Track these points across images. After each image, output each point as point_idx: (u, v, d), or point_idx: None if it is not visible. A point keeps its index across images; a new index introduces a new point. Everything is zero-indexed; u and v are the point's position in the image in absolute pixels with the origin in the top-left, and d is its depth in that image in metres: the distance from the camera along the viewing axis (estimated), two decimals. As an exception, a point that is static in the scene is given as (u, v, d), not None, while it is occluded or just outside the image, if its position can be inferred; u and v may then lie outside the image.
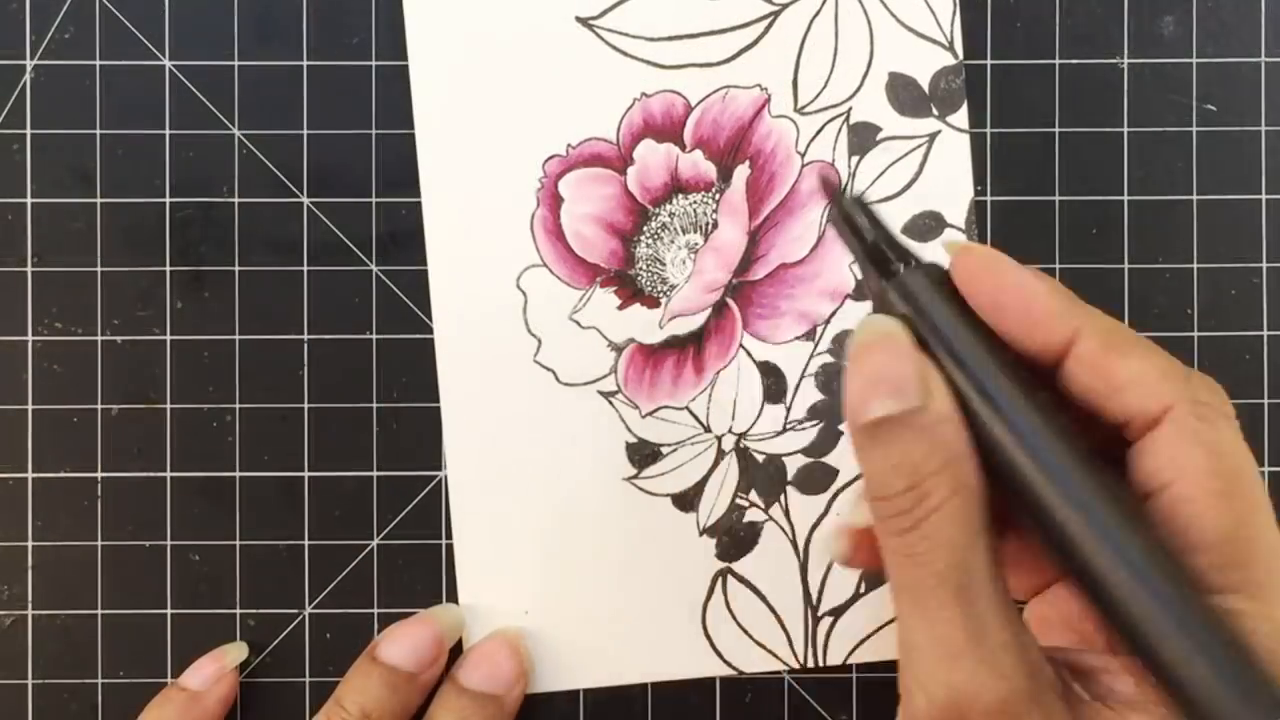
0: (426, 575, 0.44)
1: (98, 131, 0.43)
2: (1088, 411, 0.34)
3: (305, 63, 0.44)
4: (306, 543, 0.44)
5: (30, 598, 0.43)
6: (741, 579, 0.44)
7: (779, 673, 0.44)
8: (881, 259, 0.33)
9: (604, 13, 0.44)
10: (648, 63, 0.44)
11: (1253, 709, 0.28)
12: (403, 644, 0.42)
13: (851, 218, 0.34)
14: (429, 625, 0.43)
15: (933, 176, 0.44)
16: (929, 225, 0.44)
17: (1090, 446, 0.32)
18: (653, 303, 0.44)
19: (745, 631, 0.44)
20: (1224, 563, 0.31)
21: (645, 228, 0.44)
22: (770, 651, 0.44)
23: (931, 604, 0.31)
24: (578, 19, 0.44)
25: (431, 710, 0.42)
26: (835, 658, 0.44)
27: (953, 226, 0.44)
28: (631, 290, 0.44)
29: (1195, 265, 0.44)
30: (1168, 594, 0.30)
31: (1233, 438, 0.33)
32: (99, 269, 0.44)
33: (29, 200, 0.44)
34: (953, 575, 0.31)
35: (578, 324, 0.44)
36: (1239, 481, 0.32)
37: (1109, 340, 0.33)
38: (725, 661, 0.44)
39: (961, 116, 0.44)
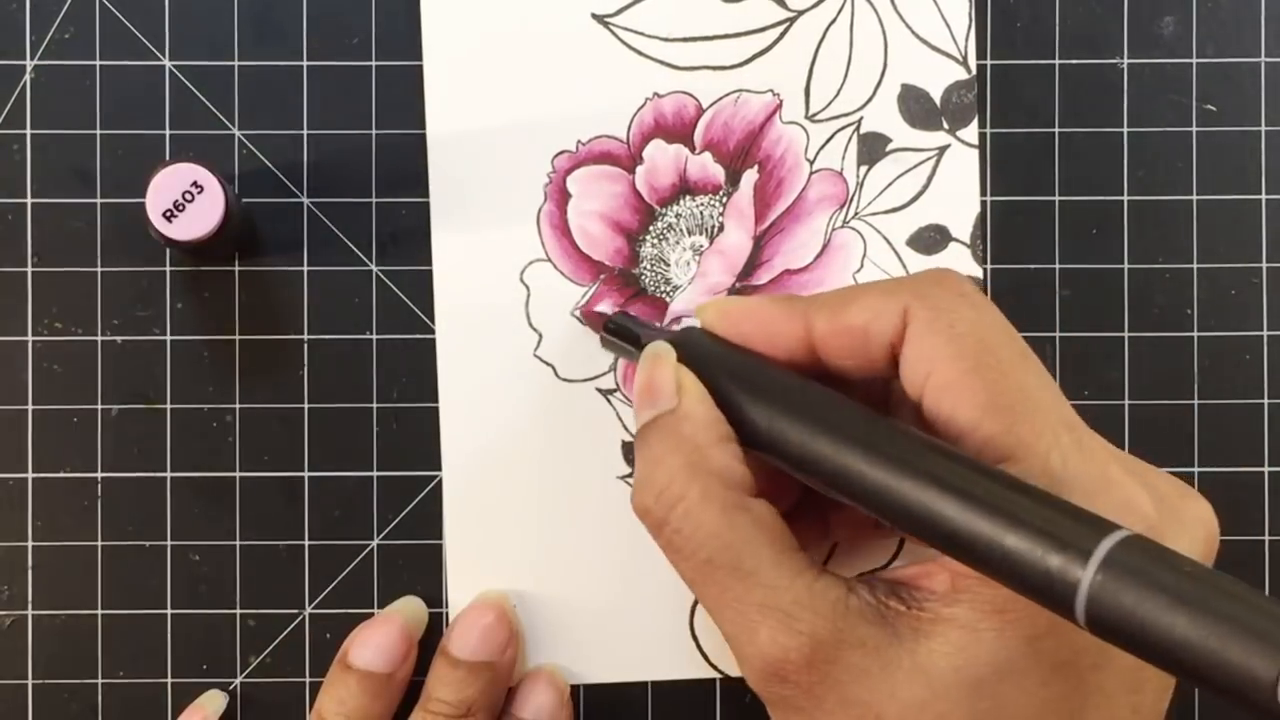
0: (426, 575, 0.44)
1: (98, 131, 0.43)
2: (876, 389, 0.36)
3: (305, 63, 0.44)
4: (306, 543, 0.44)
5: (30, 598, 0.43)
6: (730, 583, 0.44)
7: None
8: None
9: (620, 11, 0.44)
10: (661, 63, 0.44)
11: (1074, 552, 0.27)
12: (372, 646, 0.42)
13: (621, 331, 0.40)
14: (395, 623, 0.42)
15: (940, 190, 0.44)
16: (934, 238, 0.44)
17: (839, 394, 0.34)
18: (656, 303, 0.44)
19: (731, 635, 0.44)
20: (992, 433, 0.32)
21: (651, 228, 0.44)
22: None
23: (715, 589, 0.33)
24: (594, 16, 0.44)
25: (427, 686, 0.42)
26: (818, 665, 0.44)
27: (958, 240, 0.44)
28: (635, 289, 0.44)
29: (1195, 265, 0.44)
30: (948, 483, 0.30)
31: (970, 315, 0.34)
32: (99, 269, 0.44)
33: (29, 200, 0.44)
34: (721, 557, 0.33)
35: (579, 320, 0.44)
36: (984, 353, 0.33)
37: (833, 306, 0.35)
38: (711, 664, 0.44)
39: (971, 131, 0.44)
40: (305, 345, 0.44)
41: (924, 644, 0.31)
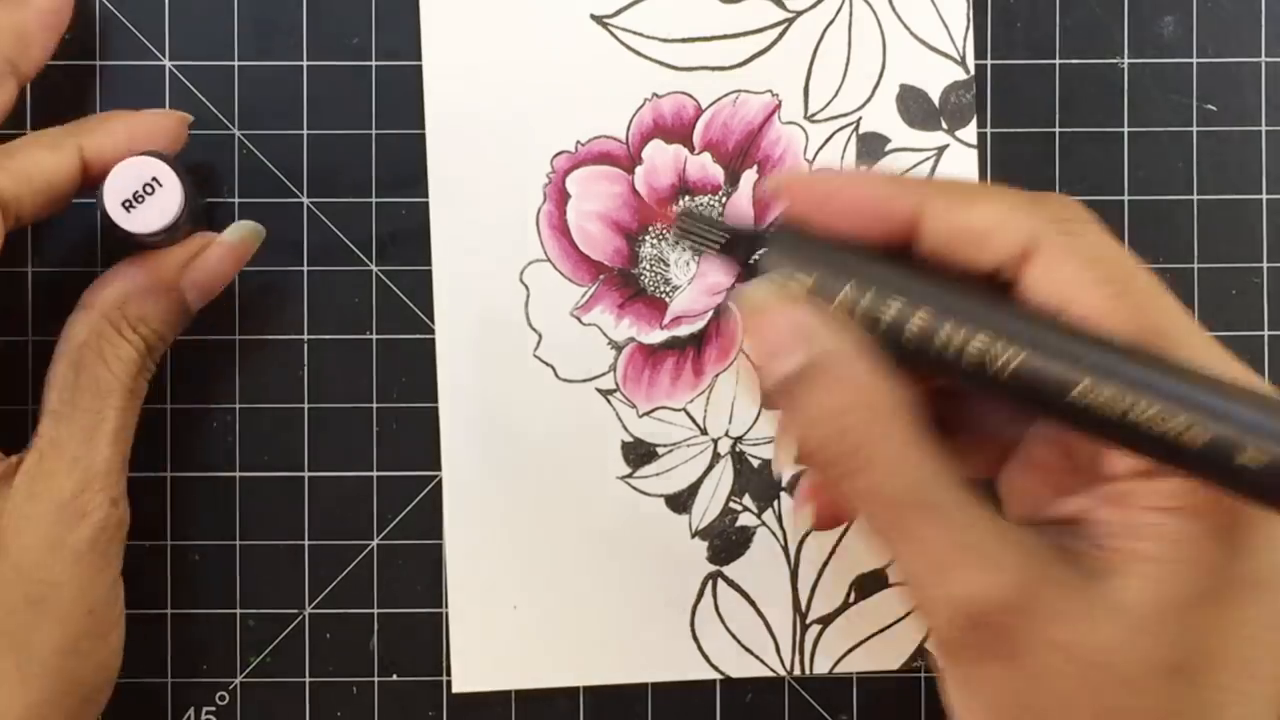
0: (426, 575, 0.44)
1: (98, 131, 0.43)
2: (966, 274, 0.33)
3: (305, 63, 0.44)
4: (306, 543, 0.44)
5: (30, 598, 0.43)
6: (731, 583, 0.44)
7: (777, 674, 0.44)
8: (735, 250, 0.34)
9: (619, 11, 0.44)
10: (660, 63, 0.44)
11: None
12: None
13: (694, 232, 0.35)
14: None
15: None
16: (934, 236, 0.44)
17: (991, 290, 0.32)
18: (656, 303, 0.44)
19: (733, 636, 0.44)
20: None
21: (651, 228, 0.44)
22: (757, 657, 0.44)
23: (906, 532, 0.31)
24: (593, 16, 0.44)
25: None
26: (822, 666, 0.44)
27: (958, 239, 0.44)
28: (634, 290, 0.44)
29: (1195, 265, 0.44)
30: (1150, 373, 0.29)
31: (1104, 240, 0.32)
32: (99, 269, 0.43)
33: (29, 200, 0.43)
34: (910, 496, 0.31)
35: (579, 320, 0.44)
36: (1126, 278, 0.32)
37: (954, 198, 0.32)
38: (712, 665, 0.44)
39: (970, 131, 0.44)
40: (305, 345, 0.44)
41: (1118, 580, 0.30)
